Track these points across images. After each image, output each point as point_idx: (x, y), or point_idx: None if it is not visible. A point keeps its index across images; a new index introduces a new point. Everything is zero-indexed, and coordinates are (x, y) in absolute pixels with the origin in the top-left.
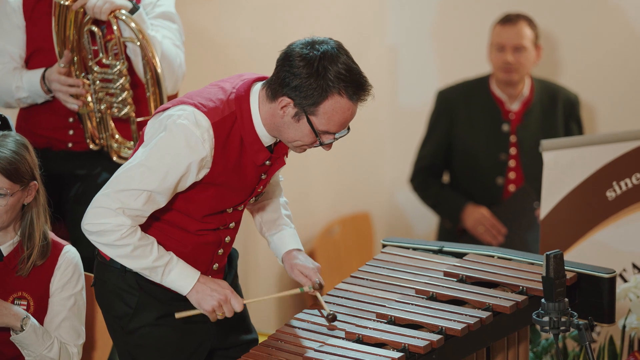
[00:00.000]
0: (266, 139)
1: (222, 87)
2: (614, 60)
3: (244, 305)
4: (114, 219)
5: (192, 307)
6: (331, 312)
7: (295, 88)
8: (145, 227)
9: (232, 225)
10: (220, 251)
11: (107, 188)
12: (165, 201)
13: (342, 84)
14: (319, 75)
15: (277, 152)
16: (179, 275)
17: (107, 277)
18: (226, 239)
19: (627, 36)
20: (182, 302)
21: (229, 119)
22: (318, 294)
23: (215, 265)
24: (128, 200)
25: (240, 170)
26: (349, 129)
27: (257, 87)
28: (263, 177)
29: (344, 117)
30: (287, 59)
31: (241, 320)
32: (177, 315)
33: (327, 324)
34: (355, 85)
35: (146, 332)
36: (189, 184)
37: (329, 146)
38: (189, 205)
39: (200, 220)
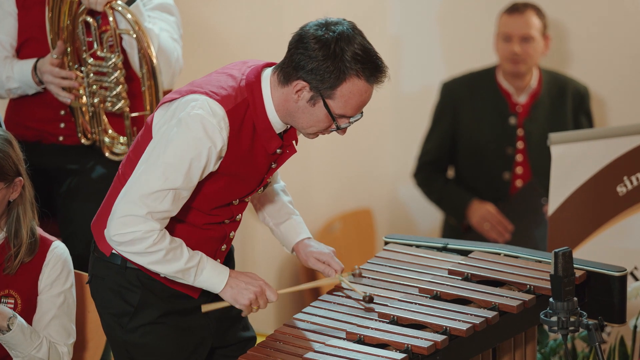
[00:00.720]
0: (278, 125)
1: (230, 74)
2: (625, 50)
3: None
4: (143, 225)
5: (199, 302)
6: (366, 294)
7: (311, 71)
8: None
9: (238, 217)
10: (223, 247)
11: (129, 194)
12: (189, 195)
13: (359, 65)
14: (336, 57)
15: (287, 140)
16: (211, 273)
17: (105, 274)
18: (230, 234)
19: (638, 26)
20: (183, 298)
21: (241, 106)
22: (345, 279)
23: (217, 262)
24: (155, 204)
25: (252, 159)
26: (362, 113)
27: (268, 72)
28: (273, 166)
29: (361, 100)
30: (301, 41)
31: (239, 317)
32: (204, 308)
33: (364, 306)
34: (372, 66)
35: (147, 330)
36: (206, 174)
37: (343, 131)
38: (199, 197)
39: (208, 213)
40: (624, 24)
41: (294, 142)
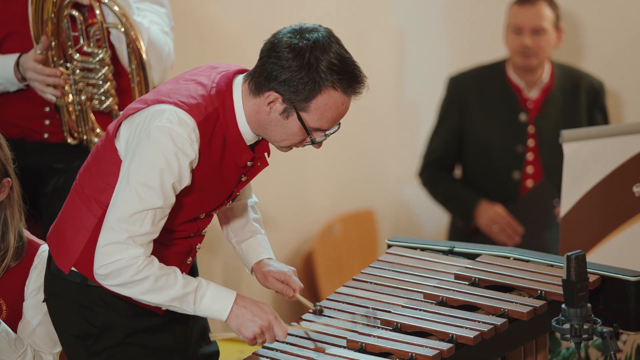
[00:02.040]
0: (249, 137)
1: (199, 82)
2: None
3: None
4: (125, 252)
5: (164, 320)
6: (317, 306)
7: (284, 82)
8: None
9: (204, 231)
10: (189, 260)
11: (107, 222)
12: (168, 211)
13: (335, 76)
14: (311, 68)
15: (259, 152)
16: (213, 299)
17: (64, 292)
18: (196, 246)
19: None
20: (148, 316)
21: (212, 116)
22: (298, 295)
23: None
24: (134, 227)
25: (222, 172)
26: (339, 124)
27: (239, 80)
28: (243, 179)
29: (337, 113)
30: (273, 49)
31: (202, 331)
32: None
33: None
34: (349, 77)
35: (113, 352)
36: (182, 188)
37: (319, 144)
38: None
39: (174, 230)
40: None
41: (265, 154)
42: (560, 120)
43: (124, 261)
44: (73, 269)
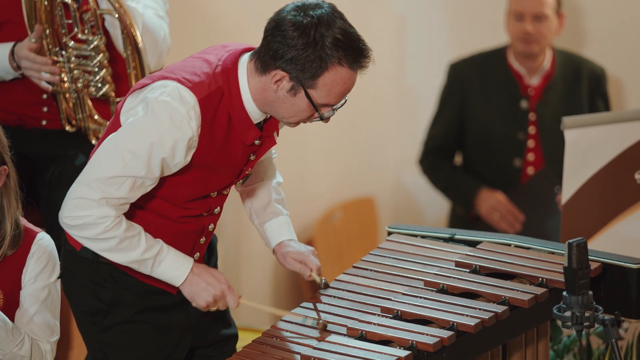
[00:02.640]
0: (256, 115)
1: (206, 60)
2: None
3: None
4: (96, 210)
5: (177, 299)
6: (323, 279)
7: (290, 60)
8: None
9: (216, 210)
10: (202, 240)
11: (85, 176)
12: (153, 185)
13: (341, 52)
14: (317, 45)
15: (267, 130)
16: (170, 266)
17: (76, 269)
18: (209, 226)
19: None
20: (160, 295)
21: (215, 94)
22: (314, 274)
23: (197, 255)
24: (110, 189)
25: (228, 151)
26: (346, 99)
27: (245, 58)
28: (252, 158)
29: (345, 88)
30: (278, 27)
31: (220, 313)
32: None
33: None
34: (355, 52)
35: (121, 329)
36: (178, 167)
37: (327, 120)
38: (171, 189)
39: (182, 207)
40: None
41: (275, 133)
42: (561, 107)
43: (93, 218)
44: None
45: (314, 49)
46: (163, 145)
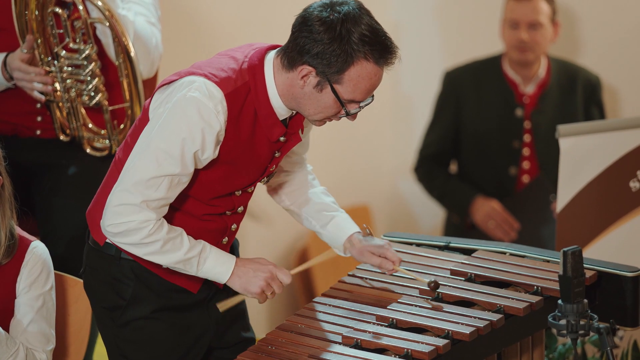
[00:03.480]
0: (282, 111)
1: (233, 57)
2: (639, 38)
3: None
4: (138, 215)
5: (197, 298)
6: (431, 281)
7: (316, 55)
8: None
9: (240, 209)
10: (225, 240)
11: (123, 182)
12: (188, 181)
13: (367, 47)
14: (343, 40)
15: (292, 127)
16: (215, 263)
17: (99, 265)
18: (232, 226)
19: None
20: (180, 293)
21: (242, 90)
22: (399, 267)
23: (222, 251)
24: (149, 191)
25: (253, 147)
26: (373, 96)
27: (271, 55)
28: (277, 155)
29: (371, 84)
30: (305, 23)
31: (241, 315)
32: (221, 307)
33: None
34: (381, 47)
35: (139, 325)
36: (207, 162)
37: (354, 116)
38: (196, 185)
39: (207, 203)
40: (637, 9)
41: (300, 130)
42: (556, 115)
43: (136, 223)
44: (107, 241)
45: (340, 44)
46: (194, 139)
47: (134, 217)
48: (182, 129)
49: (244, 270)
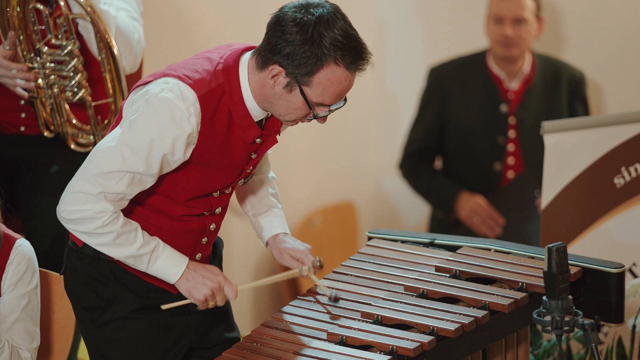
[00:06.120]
0: (257, 112)
1: (208, 58)
2: (624, 34)
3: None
4: (94, 205)
5: (177, 298)
6: (333, 293)
7: (287, 56)
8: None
9: (218, 210)
10: (204, 240)
11: (84, 171)
12: (152, 182)
13: (339, 52)
14: (314, 43)
15: (268, 129)
16: (166, 263)
17: (78, 265)
18: (211, 226)
19: (638, 8)
20: (159, 293)
21: (216, 91)
22: (314, 276)
23: (198, 255)
24: (109, 184)
25: (228, 149)
26: (345, 100)
27: (247, 56)
28: (253, 156)
29: (340, 89)
30: (278, 23)
31: (224, 316)
32: (164, 307)
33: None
34: (353, 53)
35: (118, 326)
36: (178, 163)
37: (323, 119)
38: (171, 187)
39: (183, 204)
40: (621, 5)
41: (275, 132)
42: (541, 111)
43: (91, 213)
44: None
45: (311, 46)
46: (163, 141)
47: (89, 206)
48: (152, 129)
49: (194, 275)
